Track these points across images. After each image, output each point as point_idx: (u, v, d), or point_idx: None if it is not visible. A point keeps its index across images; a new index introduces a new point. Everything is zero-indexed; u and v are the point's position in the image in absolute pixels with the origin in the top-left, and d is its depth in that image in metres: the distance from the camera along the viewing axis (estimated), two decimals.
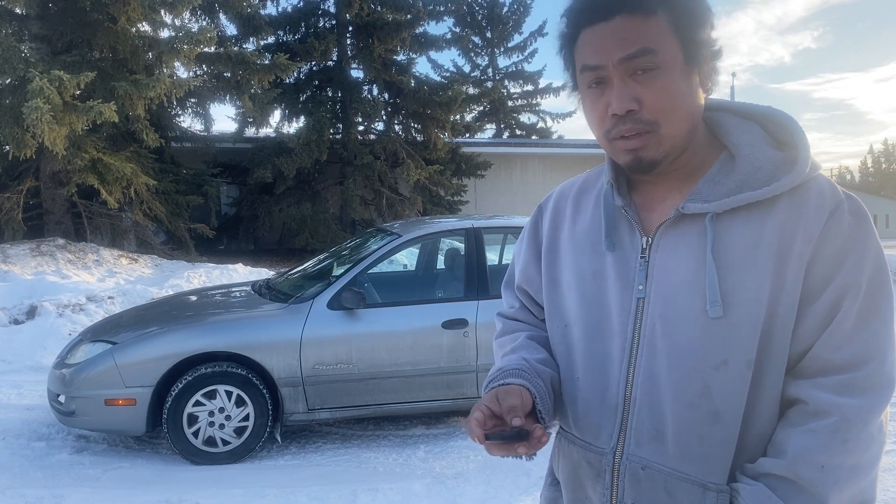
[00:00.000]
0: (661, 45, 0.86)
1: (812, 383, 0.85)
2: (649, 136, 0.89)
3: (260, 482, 3.51)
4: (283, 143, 13.23)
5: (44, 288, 7.33)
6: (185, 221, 11.69)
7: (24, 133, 8.44)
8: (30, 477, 3.55)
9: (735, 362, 0.86)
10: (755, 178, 0.89)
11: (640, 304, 0.93)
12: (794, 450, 0.84)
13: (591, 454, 0.98)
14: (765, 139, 0.94)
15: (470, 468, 3.69)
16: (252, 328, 4.01)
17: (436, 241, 5.40)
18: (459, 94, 14.53)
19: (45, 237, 9.90)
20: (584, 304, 1.00)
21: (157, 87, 9.31)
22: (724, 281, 0.87)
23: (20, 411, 4.55)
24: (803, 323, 0.86)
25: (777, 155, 0.91)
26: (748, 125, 0.95)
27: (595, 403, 0.98)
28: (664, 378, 0.90)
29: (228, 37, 13.32)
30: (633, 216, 0.97)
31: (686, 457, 0.89)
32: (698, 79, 0.91)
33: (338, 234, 13.26)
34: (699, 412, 0.88)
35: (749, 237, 0.87)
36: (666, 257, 0.92)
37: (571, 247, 1.05)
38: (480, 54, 26.45)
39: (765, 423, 0.88)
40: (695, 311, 0.88)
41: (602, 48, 0.88)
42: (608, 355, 0.96)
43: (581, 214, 1.06)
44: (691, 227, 0.91)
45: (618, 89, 0.87)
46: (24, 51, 9.52)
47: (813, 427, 0.83)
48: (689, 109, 0.90)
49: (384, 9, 14.60)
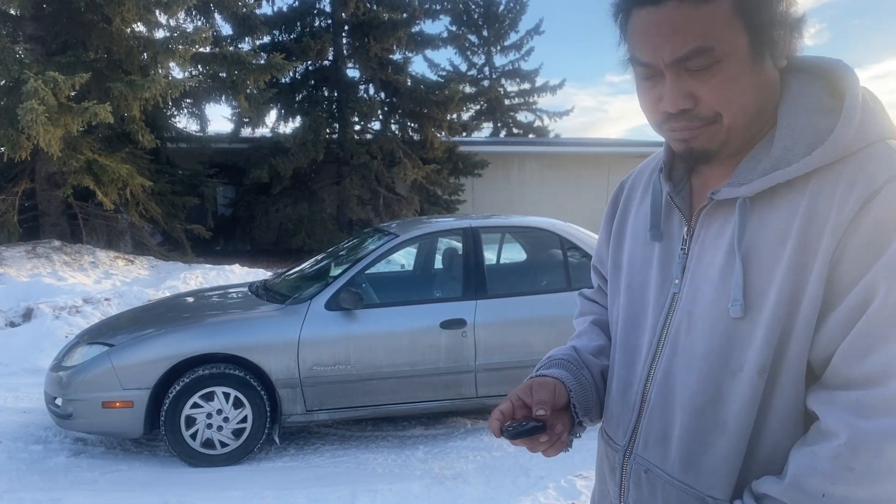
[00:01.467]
0: (721, 36, 0.74)
1: (828, 397, 0.74)
2: (706, 129, 0.79)
3: (258, 484, 3.50)
4: (279, 143, 13.21)
5: (40, 290, 7.30)
6: (181, 222, 11.67)
7: (19, 134, 8.40)
8: (27, 480, 3.54)
9: (748, 369, 0.78)
10: (791, 152, 0.76)
11: (675, 299, 0.87)
12: (793, 472, 0.74)
13: (609, 448, 0.97)
14: (815, 103, 0.79)
15: (469, 469, 3.69)
16: (249, 329, 3.99)
17: (433, 241, 5.39)
18: (456, 93, 14.52)
19: (40, 239, 9.87)
20: (629, 294, 0.95)
21: (153, 87, 9.28)
22: (749, 276, 0.77)
23: (17, 414, 4.53)
24: (825, 327, 0.74)
25: (822, 123, 0.76)
26: (810, 87, 0.81)
27: (619, 398, 0.95)
28: (679, 379, 0.84)
29: (224, 37, 13.27)
30: (681, 203, 0.88)
31: (688, 466, 0.83)
32: (771, 60, 0.79)
33: (335, 234, 13.24)
34: (707, 420, 0.81)
35: (782, 225, 0.76)
36: (703, 249, 0.84)
37: (633, 231, 0.98)
38: (477, 53, 26.43)
39: (778, 436, 0.78)
40: (719, 309, 0.80)
41: (652, 45, 0.77)
42: (638, 350, 0.92)
43: (647, 196, 0.97)
44: (729, 214, 0.81)
45: (670, 85, 0.77)
46: (18, 52, 9.48)
47: (816, 449, 0.73)
48: (755, 96, 0.79)
49: (380, 7, 14.57)
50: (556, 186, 17.17)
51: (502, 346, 4.20)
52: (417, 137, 14.99)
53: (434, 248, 5.51)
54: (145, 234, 11.38)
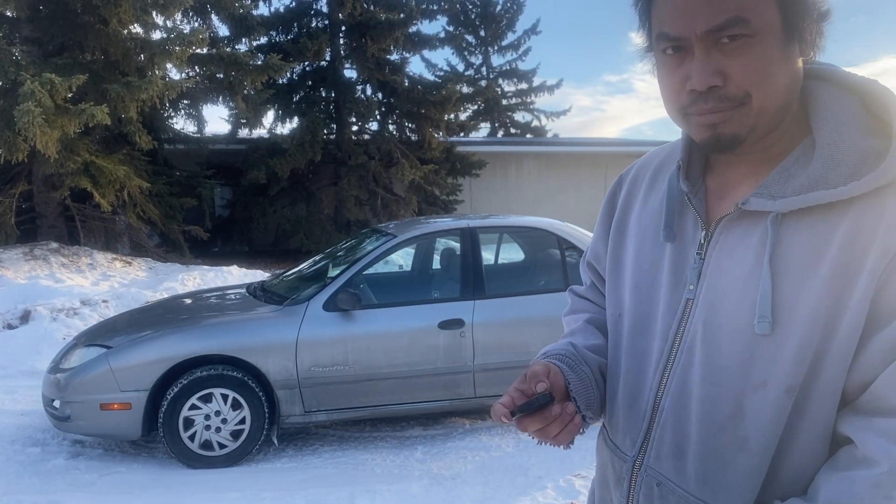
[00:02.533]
0: (757, 10, 0.72)
1: (866, 423, 0.71)
2: (735, 111, 0.75)
3: (257, 485, 3.50)
4: (276, 143, 13.20)
5: (37, 292, 7.29)
6: (178, 224, 11.66)
7: (16, 136, 8.39)
8: (25, 483, 3.53)
9: (774, 387, 0.75)
10: (834, 172, 0.74)
11: (689, 305, 0.83)
12: (827, 496, 0.72)
13: (615, 457, 0.93)
14: (859, 122, 0.77)
15: (468, 469, 3.69)
16: (247, 331, 3.99)
17: (431, 242, 5.39)
18: (453, 93, 14.52)
19: (38, 241, 9.85)
20: (636, 296, 0.92)
21: (150, 88, 9.27)
22: (778, 293, 0.75)
23: (14, 417, 4.52)
24: (867, 352, 0.72)
25: (867, 144, 0.74)
26: (844, 102, 0.79)
27: (627, 405, 0.91)
28: (696, 392, 0.81)
29: (221, 38, 13.26)
30: (698, 205, 0.85)
31: (705, 482, 0.80)
32: (798, 48, 0.76)
33: (333, 234, 13.23)
34: (727, 435, 0.78)
35: (815, 245, 0.74)
36: (722, 257, 0.81)
37: (637, 229, 0.94)
38: (474, 53, 26.43)
39: (806, 457, 0.76)
40: (741, 322, 0.77)
41: (685, 14, 0.74)
42: (648, 356, 0.88)
43: (654, 193, 0.94)
44: (754, 225, 0.78)
45: (699, 61, 0.74)
46: (14, 53, 9.47)
47: (854, 475, 0.70)
48: (784, 83, 0.76)
49: (377, 8, 14.57)
50: (553, 186, 17.18)
51: (500, 346, 4.21)
52: (415, 138, 14.99)
53: (432, 249, 5.51)
54: (143, 236, 11.37)
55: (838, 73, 0.82)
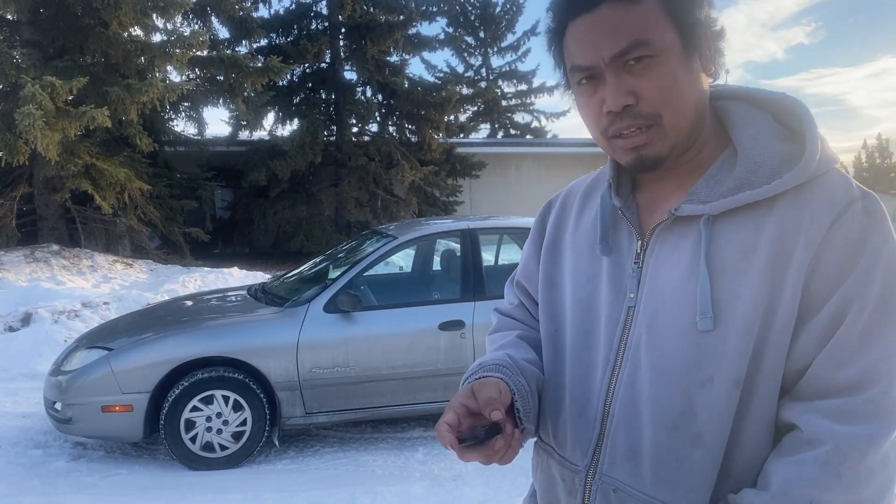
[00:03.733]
0: (655, 32, 0.79)
1: (808, 407, 0.76)
2: (652, 131, 0.81)
3: (258, 487, 3.51)
4: (276, 145, 13.22)
5: (39, 294, 7.30)
6: (179, 226, 11.67)
7: (17, 139, 8.41)
8: (27, 485, 3.54)
9: (722, 380, 0.78)
10: (756, 175, 0.80)
11: (630, 313, 0.87)
12: (780, 482, 0.74)
13: (566, 470, 0.93)
14: (773, 131, 0.84)
15: (468, 470, 3.69)
16: (248, 332, 4.00)
17: (431, 243, 5.40)
18: (453, 95, 14.53)
19: (39, 243, 9.87)
20: (576, 310, 0.94)
21: (150, 91, 9.29)
22: (716, 290, 0.78)
23: (16, 419, 4.53)
24: (801, 338, 0.76)
25: (783, 149, 0.82)
26: (757, 115, 0.86)
27: (575, 416, 0.92)
28: (645, 394, 0.83)
29: (221, 40, 13.29)
30: (631, 218, 0.90)
31: (662, 481, 0.81)
32: (699, 63, 0.83)
33: (333, 236, 13.25)
34: (679, 433, 0.80)
35: (746, 241, 0.79)
36: (659, 263, 0.85)
37: (572, 248, 0.98)
38: (474, 54, 26.46)
39: (753, 448, 0.79)
40: (684, 322, 0.80)
41: (590, 45, 0.80)
42: (593, 365, 0.90)
43: (585, 214, 0.99)
44: (687, 230, 0.83)
45: (611, 85, 0.80)
46: (15, 56, 9.49)
47: (803, 457, 0.74)
48: (692, 98, 0.82)
49: (376, 10, 14.59)
50: (553, 187, 16.89)
51: None
52: (415, 139, 15.01)
53: (432, 250, 5.52)
54: (144, 238, 11.38)
55: (750, 91, 0.90)
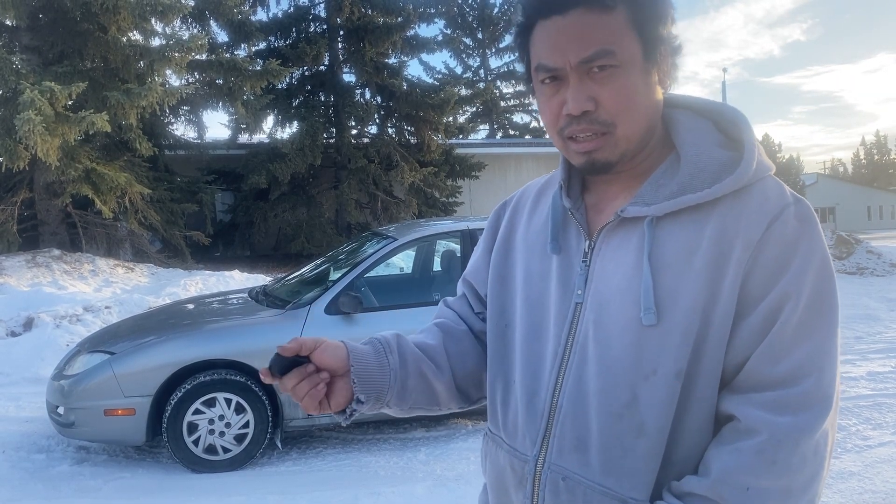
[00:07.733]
0: (621, 43, 0.82)
1: (745, 399, 0.81)
2: (605, 138, 0.85)
3: (261, 489, 3.52)
4: (276, 148, 13.23)
5: (40, 299, 7.31)
6: (180, 229, 11.69)
7: (17, 145, 8.43)
8: (30, 489, 3.55)
9: (664, 373, 0.82)
10: (698, 179, 0.85)
11: (578, 309, 0.91)
12: (718, 469, 0.79)
13: (515, 460, 0.96)
14: (714, 138, 0.90)
15: (471, 470, 3.70)
16: (250, 335, 4.01)
17: (432, 244, 5.41)
18: (452, 96, 14.56)
19: (40, 248, 9.89)
20: (527, 306, 0.98)
21: (150, 95, 9.31)
22: (659, 287, 0.83)
23: (19, 424, 4.55)
24: (739, 334, 0.81)
25: (723, 155, 0.87)
26: (699, 123, 0.92)
27: (525, 407, 0.95)
28: (592, 386, 0.87)
29: (220, 44, 13.32)
30: (580, 218, 0.94)
31: (609, 470, 0.85)
32: (657, 76, 0.87)
33: (333, 238, 13.26)
34: (624, 423, 0.84)
35: (687, 242, 0.83)
36: (605, 262, 0.89)
37: (524, 246, 1.02)
38: (472, 55, 26.51)
39: (694, 438, 0.84)
40: (629, 317, 0.85)
41: (558, 48, 0.83)
42: (542, 359, 0.94)
43: (537, 214, 1.03)
44: (632, 231, 0.88)
45: (574, 89, 0.84)
46: (14, 62, 9.51)
47: (740, 446, 0.79)
48: (646, 109, 0.87)
49: (375, 12, 14.61)
50: None
51: None
52: (414, 140, 15.03)
53: (432, 251, 5.53)
54: (145, 242, 11.40)
55: (693, 100, 0.95)
